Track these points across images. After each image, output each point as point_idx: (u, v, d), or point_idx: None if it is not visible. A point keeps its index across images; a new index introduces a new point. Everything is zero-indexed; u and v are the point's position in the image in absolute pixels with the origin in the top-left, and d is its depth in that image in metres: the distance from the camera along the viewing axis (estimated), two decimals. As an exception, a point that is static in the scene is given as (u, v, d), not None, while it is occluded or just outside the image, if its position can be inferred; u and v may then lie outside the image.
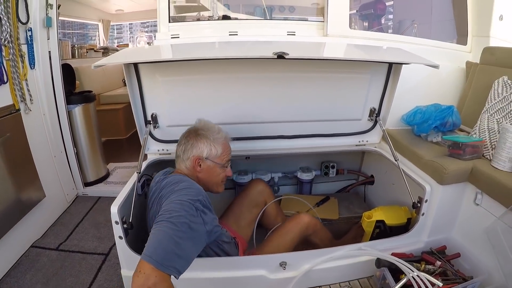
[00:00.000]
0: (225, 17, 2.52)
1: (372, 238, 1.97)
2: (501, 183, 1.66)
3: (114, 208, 1.52)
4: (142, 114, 1.96)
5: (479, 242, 1.79)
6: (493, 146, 1.90)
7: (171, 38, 2.19)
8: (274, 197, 2.24)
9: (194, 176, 1.68)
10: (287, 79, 1.97)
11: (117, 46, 7.03)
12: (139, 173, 1.79)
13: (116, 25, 7.34)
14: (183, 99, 1.96)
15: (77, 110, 3.03)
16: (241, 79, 1.91)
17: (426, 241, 1.92)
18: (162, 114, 2.00)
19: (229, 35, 2.22)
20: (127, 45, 7.49)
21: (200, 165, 1.66)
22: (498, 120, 1.97)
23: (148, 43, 7.13)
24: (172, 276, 1.14)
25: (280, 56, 1.38)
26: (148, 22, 8.13)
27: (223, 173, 1.74)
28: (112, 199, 1.62)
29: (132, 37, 8.54)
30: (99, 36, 6.67)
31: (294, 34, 2.29)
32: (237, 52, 1.84)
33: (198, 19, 3.02)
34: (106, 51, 5.82)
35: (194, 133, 1.68)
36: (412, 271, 1.53)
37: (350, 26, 2.49)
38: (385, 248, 1.78)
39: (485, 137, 1.99)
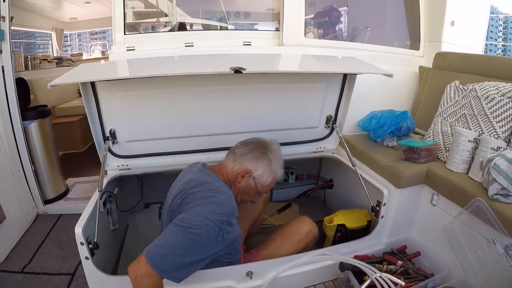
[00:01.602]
0: (181, 27, 2.55)
1: (334, 241, 2.05)
2: (456, 184, 1.78)
3: (79, 229, 1.51)
4: (100, 130, 1.96)
5: (438, 240, 1.90)
6: (447, 149, 2.02)
7: (127, 50, 2.20)
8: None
9: (229, 180, 1.68)
10: (244, 90, 2.02)
11: (71, 55, 6.88)
12: (101, 191, 1.78)
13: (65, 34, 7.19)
14: (141, 114, 1.97)
15: (33, 126, 2.97)
16: (198, 92, 1.94)
17: (387, 242, 2.02)
18: (120, 129, 2.00)
19: (185, 46, 2.25)
20: (81, 54, 7.38)
21: (244, 177, 1.67)
22: (451, 123, 2.10)
23: (102, 51, 7.06)
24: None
25: (237, 71, 1.44)
26: (96, 30, 8.01)
27: (252, 197, 1.75)
28: (73, 216, 1.62)
29: (81, 45, 8.40)
30: (52, 45, 6.52)
31: (250, 44, 2.34)
32: (194, 67, 1.87)
33: (153, 27, 3.04)
34: (60, 61, 5.70)
35: (264, 151, 1.69)
36: (375, 272, 1.61)
37: (306, 34, 2.57)
38: (348, 251, 1.86)
39: (439, 140, 2.11)
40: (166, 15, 2.88)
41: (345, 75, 2.14)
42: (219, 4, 2.88)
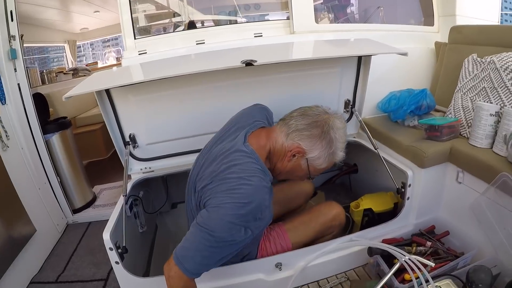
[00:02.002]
0: (191, 26, 2.56)
1: (362, 226, 2.05)
2: (480, 160, 1.75)
3: (106, 235, 1.54)
4: (120, 136, 1.99)
5: (466, 218, 1.87)
6: (469, 124, 1.99)
7: (139, 54, 2.23)
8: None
9: (275, 154, 1.46)
10: (258, 83, 2.02)
11: (86, 65, 7.00)
12: (125, 195, 1.81)
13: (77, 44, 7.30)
14: (159, 116, 1.99)
15: (55, 139, 3.05)
16: (212, 88, 1.95)
17: (415, 223, 2.00)
18: (139, 133, 2.03)
19: (196, 44, 2.26)
20: (96, 63, 7.48)
21: (295, 155, 1.43)
22: (472, 98, 2.06)
23: (117, 58, 7.14)
24: None
25: (249, 64, 1.45)
26: (107, 38, 8.11)
27: (302, 178, 1.55)
28: (102, 222, 1.65)
29: (94, 54, 8.51)
30: (66, 57, 6.64)
31: (261, 36, 2.34)
32: (205, 64, 1.88)
33: (165, 28, 3.06)
34: (75, 72, 5.81)
35: (326, 128, 1.40)
36: (404, 255, 1.60)
37: (320, 20, 2.56)
38: (376, 236, 1.85)
39: (460, 116, 2.08)
40: (178, 15, 2.91)
41: (359, 58, 2.12)
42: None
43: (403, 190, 1.93)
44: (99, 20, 6.40)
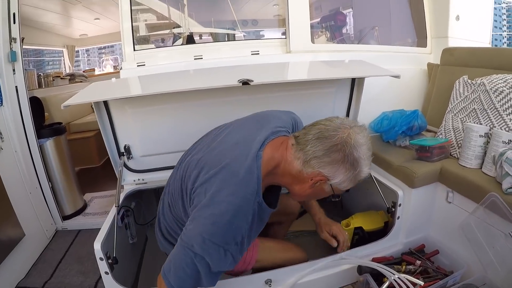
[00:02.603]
0: (190, 39, 2.58)
1: (353, 244, 2.06)
2: (469, 180, 1.78)
3: (98, 245, 1.54)
4: (115, 147, 2.00)
5: (456, 237, 1.89)
6: (459, 145, 2.02)
7: (137, 66, 2.25)
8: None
9: (288, 176, 1.32)
10: (254, 100, 2.03)
11: (83, 71, 7.01)
12: (118, 206, 1.81)
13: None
14: (154, 129, 2.00)
15: (49, 144, 3.04)
16: (209, 104, 1.96)
17: (405, 242, 2.02)
18: (134, 144, 2.03)
19: (195, 59, 2.28)
20: (93, 70, 7.50)
21: (317, 183, 1.27)
22: (462, 119, 2.10)
23: (114, 66, 7.17)
24: None
25: (245, 83, 1.47)
26: (103, 45, 8.14)
27: (320, 198, 1.44)
28: (92, 231, 1.64)
29: (89, 60, 8.53)
30: (64, 62, 6.64)
31: (258, 53, 2.37)
32: (203, 81, 1.90)
33: (163, 39, 3.08)
34: (72, 77, 5.82)
35: (348, 150, 1.20)
36: (393, 273, 1.61)
37: (318, 38, 2.59)
38: (366, 254, 1.87)
39: (451, 136, 2.11)
40: (178, 26, 2.94)
41: (353, 79, 2.15)
42: (228, 13, 2.93)
43: (393, 209, 1.95)
44: (99, 27, 6.45)
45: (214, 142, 1.43)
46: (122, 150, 2.02)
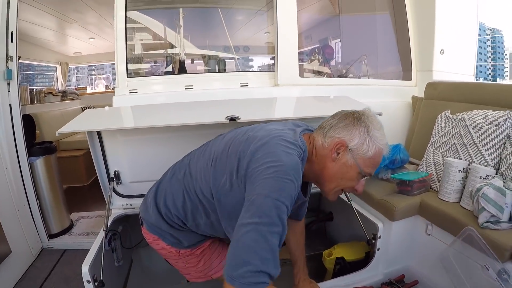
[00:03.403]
0: (181, 67, 2.66)
1: (334, 274, 2.11)
2: (448, 214, 1.84)
3: (85, 268, 1.57)
4: (105, 172, 2.05)
5: (435, 268, 1.94)
6: (440, 178, 2.09)
7: (130, 93, 2.31)
8: None
9: (321, 160, 1.35)
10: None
11: (75, 89, 7.07)
12: (106, 230, 1.85)
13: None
14: (144, 157, 2.06)
15: (39, 162, 3.07)
16: (198, 136, 1.99)
17: (385, 272, 2.07)
18: (124, 170, 2.09)
19: (185, 89, 2.35)
20: (85, 88, 7.56)
21: (339, 153, 1.31)
22: (443, 153, 2.18)
23: (106, 85, 7.24)
24: None
25: (232, 119, 1.55)
26: (94, 65, 8.19)
27: (354, 182, 1.37)
28: (77, 251, 1.66)
29: (79, 78, 8.60)
30: (57, 78, 6.69)
31: (247, 86, 2.44)
32: (193, 115, 1.97)
33: (155, 61, 3.15)
34: (64, 94, 5.86)
35: (355, 115, 1.33)
36: None
37: (311, 62, 2.66)
38: (346, 284, 1.91)
39: (432, 170, 2.19)
40: (174, 47, 3.01)
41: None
42: (222, 37, 3.01)
43: (373, 241, 2.01)
44: (93, 46, 6.56)
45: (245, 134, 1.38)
46: (112, 175, 2.07)
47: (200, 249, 1.58)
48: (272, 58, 2.59)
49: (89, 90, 7.71)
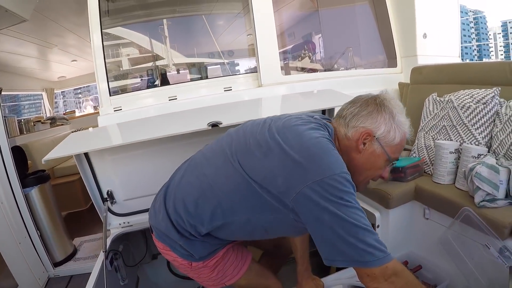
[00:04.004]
0: (164, 80, 2.69)
1: (338, 267, 2.12)
2: (443, 196, 1.87)
3: None
4: (98, 193, 2.08)
5: (436, 252, 1.96)
6: (433, 162, 2.12)
7: (114, 111, 2.35)
8: None
9: (346, 151, 1.29)
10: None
11: (64, 114, 7.11)
12: (105, 251, 1.87)
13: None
14: (134, 173, 2.09)
15: (34, 193, 3.10)
16: (184, 145, 2.04)
17: None
18: (117, 189, 2.11)
19: (169, 100, 2.39)
20: (73, 112, 7.61)
21: (365, 144, 1.27)
22: (433, 136, 2.21)
23: (94, 106, 7.28)
24: None
25: (215, 125, 1.57)
26: (79, 87, 8.27)
27: (382, 170, 1.34)
28: (84, 276, 1.68)
29: (65, 101, 8.64)
30: (44, 106, 6.72)
31: (231, 89, 2.47)
32: (176, 125, 2.00)
33: (141, 76, 3.18)
34: (53, 121, 5.88)
35: (378, 101, 1.28)
36: None
37: (302, 60, 2.68)
38: (350, 276, 1.90)
39: (424, 154, 2.21)
40: (162, 58, 3.04)
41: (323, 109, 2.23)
42: (207, 44, 3.05)
43: (372, 231, 2.03)
44: (76, 68, 6.61)
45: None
46: (105, 195, 2.09)
47: (213, 260, 1.50)
48: (255, 69, 2.62)
49: (78, 113, 7.76)
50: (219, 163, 1.34)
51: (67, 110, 8.04)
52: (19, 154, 3.26)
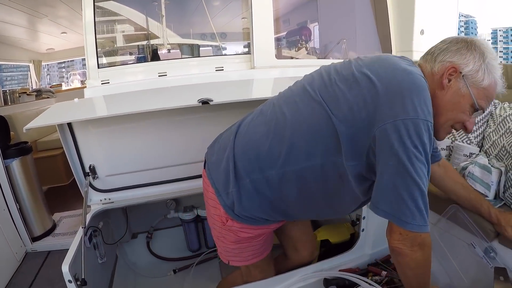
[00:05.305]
0: (154, 56, 2.64)
1: (319, 257, 2.13)
2: (432, 192, 1.82)
3: (65, 267, 1.55)
4: (80, 167, 2.04)
5: (421, 247, 1.98)
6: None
7: (102, 84, 2.31)
8: None
9: (431, 92, 1.16)
10: (216, 117, 2.08)
11: (50, 87, 6.97)
12: (84, 227, 1.83)
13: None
14: (119, 148, 2.06)
15: (15, 164, 3.04)
16: (172, 122, 2.03)
17: (371, 253, 2.07)
18: (99, 164, 2.08)
19: (159, 76, 2.35)
20: (60, 85, 7.50)
21: (451, 80, 1.19)
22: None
23: (82, 81, 7.18)
24: None
25: (205, 102, 1.54)
26: (63, 61, 8.15)
27: (466, 115, 1.23)
28: (62, 252, 1.65)
29: (49, 74, 8.51)
30: (30, 77, 6.61)
31: (223, 70, 2.44)
32: (165, 100, 1.96)
33: (131, 53, 3.13)
34: (39, 93, 5.79)
35: (469, 40, 1.20)
36: (360, 279, 1.68)
37: (298, 50, 2.65)
38: (332, 266, 1.92)
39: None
40: (157, 37, 2.99)
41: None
42: (201, 25, 3.00)
43: (357, 222, 2.02)
44: (66, 41, 6.48)
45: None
46: (87, 170, 2.06)
47: (245, 233, 1.45)
48: (245, 46, 2.60)
49: (64, 87, 7.65)
50: (298, 100, 1.27)
51: (54, 83, 7.89)
52: (2, 124, 3.20)
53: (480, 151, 1.92)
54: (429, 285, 1.30)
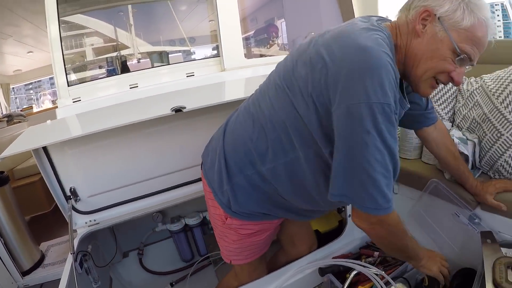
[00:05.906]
0: (124, 69, 2.63)
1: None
2: (411, 170, 1.92)
3: None
4: (61, 191, 2.02)
5: (409, 224, 1.96)
6: (399, 138, 2.15)
7: (73, 102, 2.30)
8: None
9: (405, 41, 1.13)
10: (191, 124, 2.11)
11: (20, 110, 6.83)
12: (73, 253, 1.81)
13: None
14: (97, 166, 2.04)
15: (-7, 197, 2.97)
16: (148, 134, 2.02)
17: (361, 237, 2.11)
18: (80, 186, 2.06)
19: (130, 88, 2.35)
20: (31, 107, 7.34)
21: (425, 25, 1.08)
22: (398, 112, 2.24)
23: (53, 101, 7.06)
24: None
25: (178, 110, 1.55)
26: (31, 83, 8.05)
27: (448, 63, 1.09)
28: (55, 282, 1.62)
29: (16, 98, 8.37)
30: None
31: (193, 75, 2.45)
32: (138, 113, 1.97)
33: (100, 67, 3.10)
34: (10, 118, 5.62)
35: None
36: (356, 264, 1.67)
37: (271, 47, 2.68)
38: (325, 255, 1.95)
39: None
40: (127, 47, 2.97)
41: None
42: (171, 31, 3.00)
43: (343, 208, 2.06)
44: (33, 61, 6.37)
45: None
46: (69, 193, 2.04)
47: (246, 230, 1.46)
48: (213, 49, 2.61)
49: (35, 109, 7.50)
50: (271, 94, 1.25)
51: (24, 106, 7.72)
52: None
53: (452, 126, 1.98)
54: (407, 249, 1.36)
